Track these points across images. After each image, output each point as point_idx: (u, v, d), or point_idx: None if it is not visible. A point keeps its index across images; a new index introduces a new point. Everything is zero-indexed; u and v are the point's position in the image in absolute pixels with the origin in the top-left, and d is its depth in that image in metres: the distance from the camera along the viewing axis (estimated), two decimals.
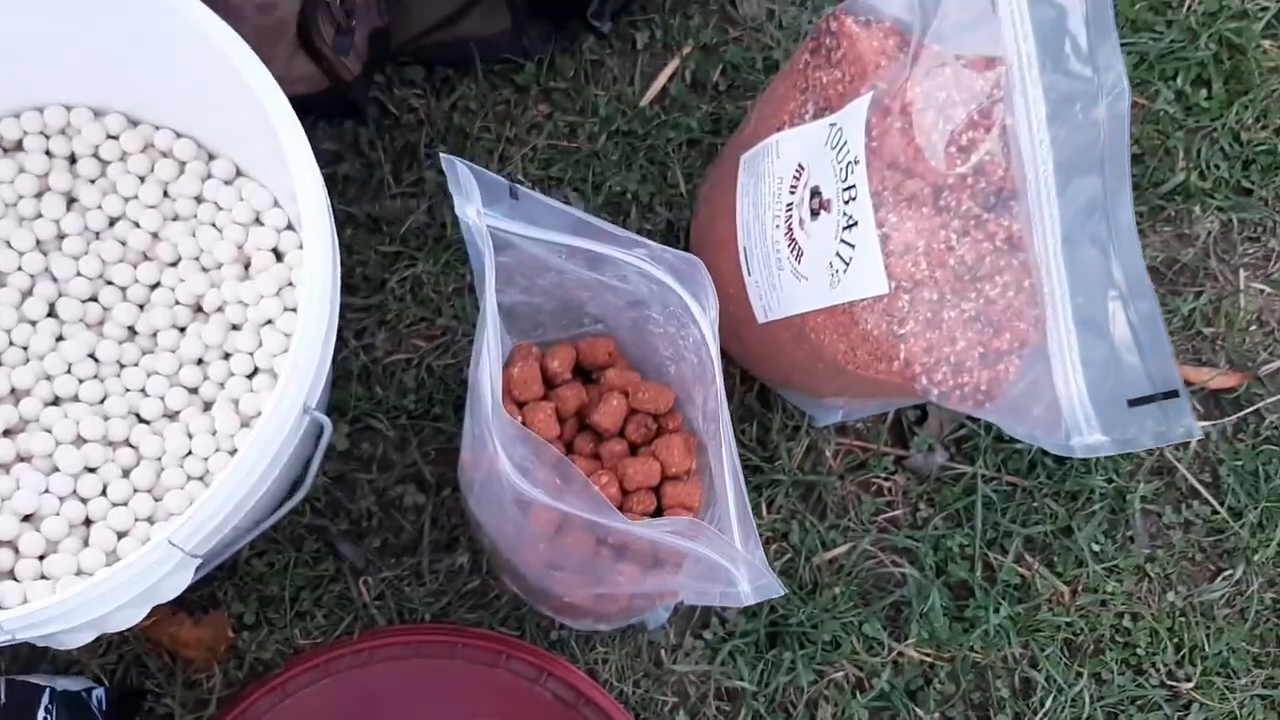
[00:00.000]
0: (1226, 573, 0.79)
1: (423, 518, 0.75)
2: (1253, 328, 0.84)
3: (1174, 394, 0.49)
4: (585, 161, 0.82)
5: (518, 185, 0.51)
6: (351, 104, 0.78)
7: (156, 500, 0.68)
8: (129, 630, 0.72)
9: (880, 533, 0.78)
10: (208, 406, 0.70)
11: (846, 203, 0.61)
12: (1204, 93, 0.87)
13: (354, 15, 0.65)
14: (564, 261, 0.56)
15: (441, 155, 0.51)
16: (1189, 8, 0.88)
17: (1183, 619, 0.78)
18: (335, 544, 0.75)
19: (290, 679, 0.71)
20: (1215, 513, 0.80)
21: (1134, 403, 0.50)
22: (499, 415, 0.47)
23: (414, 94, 0.82)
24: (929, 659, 0.76)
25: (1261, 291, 0.85)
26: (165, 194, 0.73)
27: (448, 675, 0.72)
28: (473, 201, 0.50)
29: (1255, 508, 0.80)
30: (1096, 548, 0.79)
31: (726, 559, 0.49)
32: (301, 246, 0.72)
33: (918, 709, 0.75)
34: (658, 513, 0.64)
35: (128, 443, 0.69)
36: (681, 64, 0.84)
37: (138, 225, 0.72)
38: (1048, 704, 0.76)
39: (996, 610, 0.76)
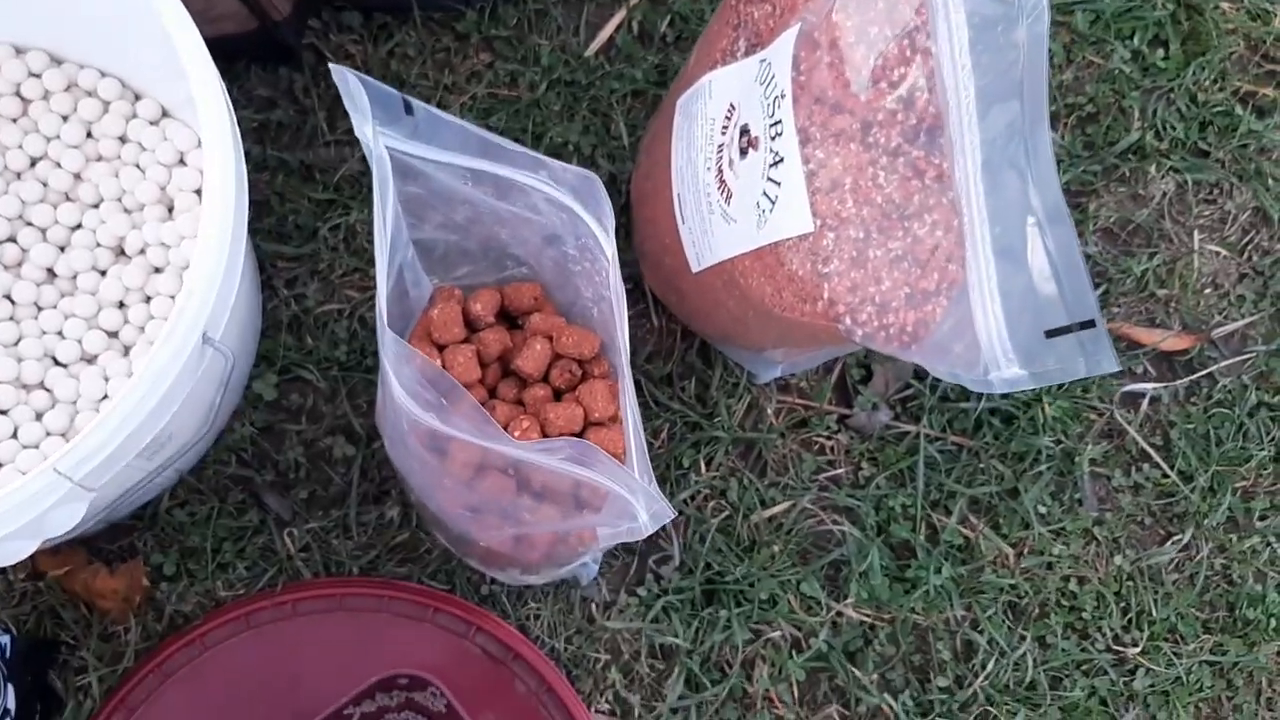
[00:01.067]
0: (1176, 537, 0.78)
1: (352, 470, 0.74)
2: (1207, 290, 0.82)
3: (1090, 324, 0.47)
4: (525, 111, 0.80)
5: (412, 100, 0.50)
6: (283, 47, 0.76)
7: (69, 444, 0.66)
8: (40, 574, 0.70)
9: (821, 491, 0.76)
10: (127, 350, 0.68)
11: (773, 139, 0.59)
12: (1161, 52, 0.85)
13: None
14: (473, 190, 0.54)
15: (332, 67, 0.49)
16: None
17: (1130, 583, 0.76)
18: (261, 495, 0.73)
19: (209, 631, 0.69)
20: (1165, 476, 0.78)
21: (1051, 333, 0.48)
22: (384, 333, 0.46)
23: (351, 40, 0.80)
24: (868, 619, 0.74)
25: (1216, 254, 0.83)
26: (88, 134, 0.71)
27: (373, 629, 0.70)
28: (366, 118, 0.48)
29: (1206, 471, 0.78)
30: (1043, 510, 0.77)
31: (623, 485, 0.47)
32: None
33: (856, 670, 0.74)
34: None
35: (42, 385, 0.67)
36: (629, 14, 0.82)
37: (59, 165, 0.70)
38: (989, 666, 0.74)
39: (938, 571, 0.74)
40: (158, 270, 0.69)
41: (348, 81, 0.48)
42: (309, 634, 0.70)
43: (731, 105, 0.63)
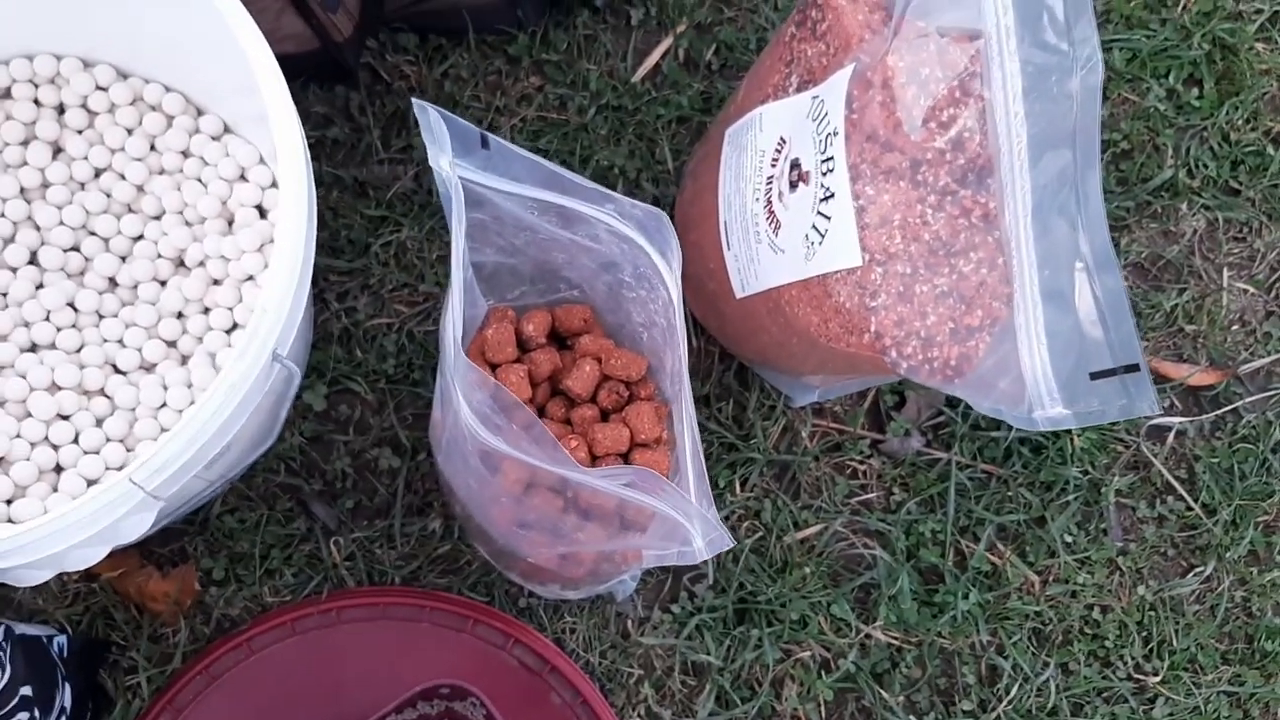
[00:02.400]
0: (1198, 569, 0.79)
1: (397, 481, 0.75)
2: (1234, 327, 0.84)
3: (1135, 368, 0.49)
4: (574, 135, 0.82)
5: (489, 134, 0.51)
6: (342, 67, 0.78)
7: (129, 450, 0.68)
8: (94, 575, 0.72)
9: (853, 515, 0.78)
10: (185, 360, 0.70)
11: (824, 175, 0.61)
12: (1195, 92, 0.87)
13: None
14: (537, 219, 0.56)
15: (415, 102, 0.51)
16: (1184, 7, 0.88)
17: (1152, 613, 0.78)
18: (308, 503, 0.75)
19: (256, 636, 0.71)
20: (1189, 509, 0.80)
21: (1095, 376, 0.50)
22: (459, 359, 0.47)
23: (406, 61, 0.82)
24: (896, 642, 0.76)
25: (1245, 291, 0.85)
26: (152, 147, 0.73)
27: (414, 638, 0.72)
28: (445, 151, 0.50)
29: (1229, 505, 0.80)
30: (1069, 539, 0.78)
31: (680, 512, 0.49)
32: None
33: (883, 691, 0.75)
34: None
35: (103, 392, 0.69)
36: (675, 42, 0.84)
37: (123, 177, 0.72)
38: (1013, 692, 0.75)
39: (966, 596, 0.76)
40: (216, 282, 0.71)
41: (429, 116, 0.50)
42: (352, 641, 0.72)
43: (782, 139, 0.65)
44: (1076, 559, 0.78)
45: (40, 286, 0.70)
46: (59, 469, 0.67)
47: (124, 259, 0.72)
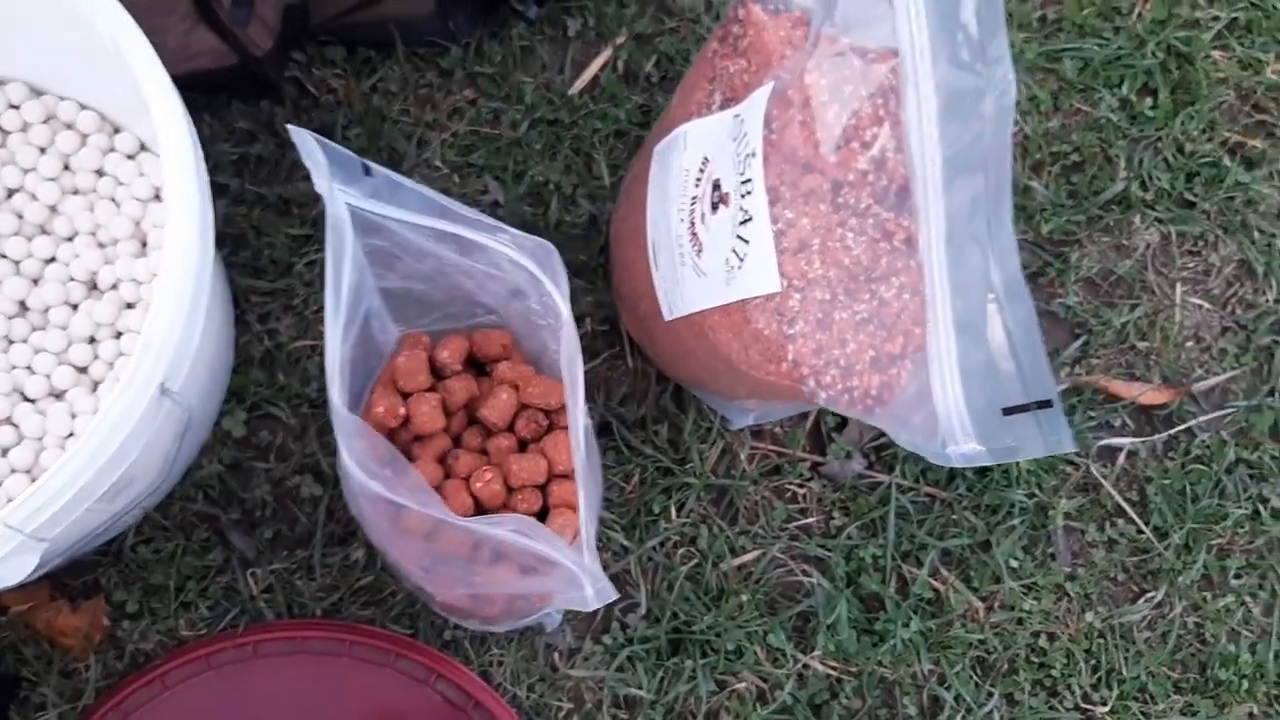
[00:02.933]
0: (1149, 594, 0.77)
1: (319, 509, 0.73)
2: (1188, 343, 0.82)
3: (1048, 404, 0.47)
4: (507, 150, 0.79)
5: (371, 163, 0.49)
6: (265, 82, 0.76)
7: (34, 481, 0.66)
8: (2, 609, 0.70)
9: (791, 540, 0.75)
10: (95, 386, 0.68)
11: (743, 196, 0.58)
12: (1149, 101, 0.84)
13: None
14: (436, 246, 0.54)
15: (290, 129, 0.49)
16: (1138, 14, 0.86)
17: (1101, 640, 0.76)
18: (226, 533, 0.72)
19: (170, 671, 0.69)
20: (1140, 532, 0.78)
21: (1009, 411, 0.47)
22: (336, 410, 0.45)
23: (334, 74, 0.80)
24: (835, 672, 0.74)
25: (1199, 307, 0.82)
26: (65, 166, 0.71)
27: (335, 673, 0.70)
28: (326, 177, 0.48)
29: (1181, 528, 0.77)
30: (1015, 564, 0.76)
31: (569, 561, 0.47)
32: None
33: None
34: (544, 511, 0.62)
35: (9, 420, 0.67)
36: (614, 53, 0.82)
37: (35, 198, 0.70)
38: None
39: (907, 624, 0.74)
40: (129, 306, 0.69)
41: (306, 143, 0.48)
42: (270, 677, 0.70)
43: (705, 158, 0.63)
44: (1022, 585, 0.76)
45: None
46: None
47: (35, 282, 0.69)
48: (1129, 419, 0.80)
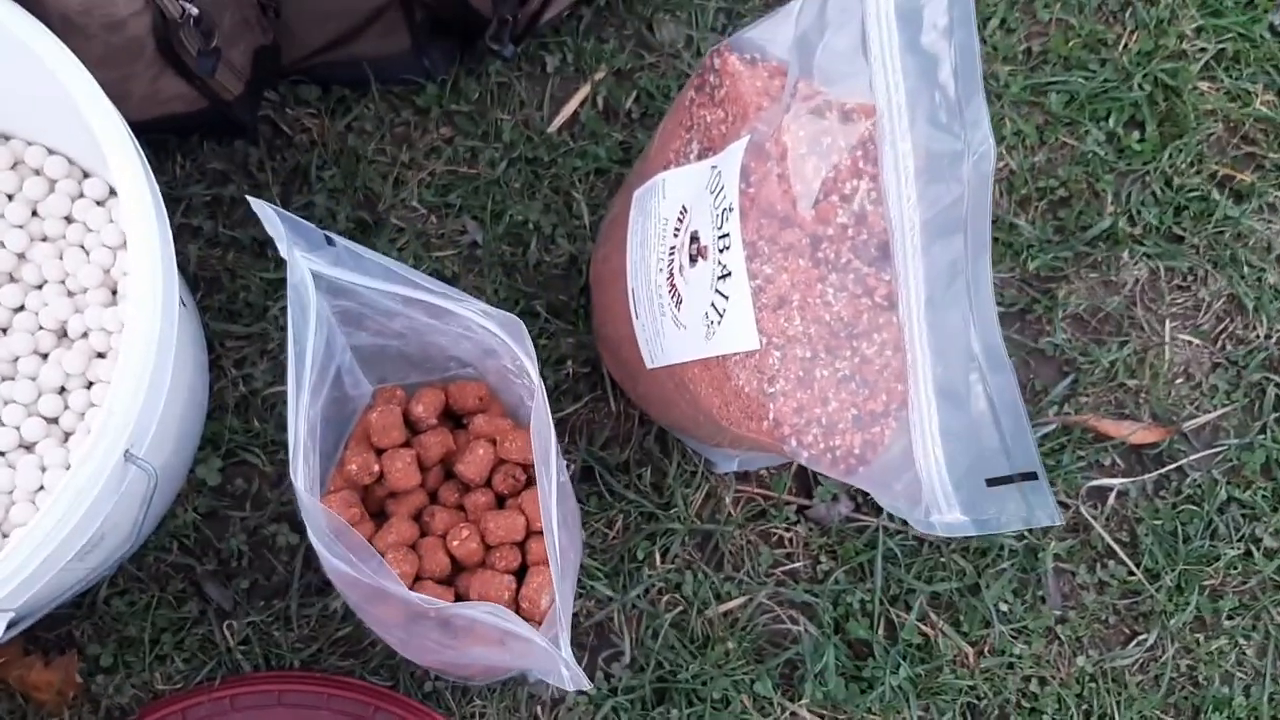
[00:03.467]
0: (1140, 637, 0.76)
1: (295, 559, 0.72)
2: (1179, 380, 0.81)
3: (1032, 476, 0.45)
4: (485, 189, 0.78)
5: (332, 235, 0.48)
6: (237, 123, 0.75)
7: (4, 536, 0.64)
8: None
9: (778, 585, 0.74)
10: (66, 438, 0.67)
11: (721, 251, 0.57)
12: (1136, 135, 0.83)
13: (213, 37, 0.61)
14: (405, 310, 0.52)
15: (251, 200, 0.48)
16: (1124, 46, 0.84)
17: (1093, 685, 0.75)
18: (202, 584, 0.71)
19: None
20: (1131, 574, 0.77)
21: (992, 482, 0.46)
22: (300, 494, 0.44)
23: (308, 113, 0.78)
24: None
25: (1189, 343, 0.81)
26: (34, 213, 0.69)
27: None
28: (287, 247, 0.47)
29: (1173, 570, 0.76)
30: (1005, 607, 0.75)
31: (544, 644, 0.46)
32: None
33: None
34: (522, 569, 0.61)
35: None
36: (593, 89, 0.81)
37: (3, 245, 0.69)
38: None
39: (896, 670, 0.73)
40: (100, 355, 0.67)
41: (266, 215, 0.47)
42: None
43: (684, 208, 0.62)
44: (1013, 629, 0.75)
45: None
46: None
47: (4, 331, 0.68)
48: (1119, 458, 0.79)
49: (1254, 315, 0.82)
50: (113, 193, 0.70)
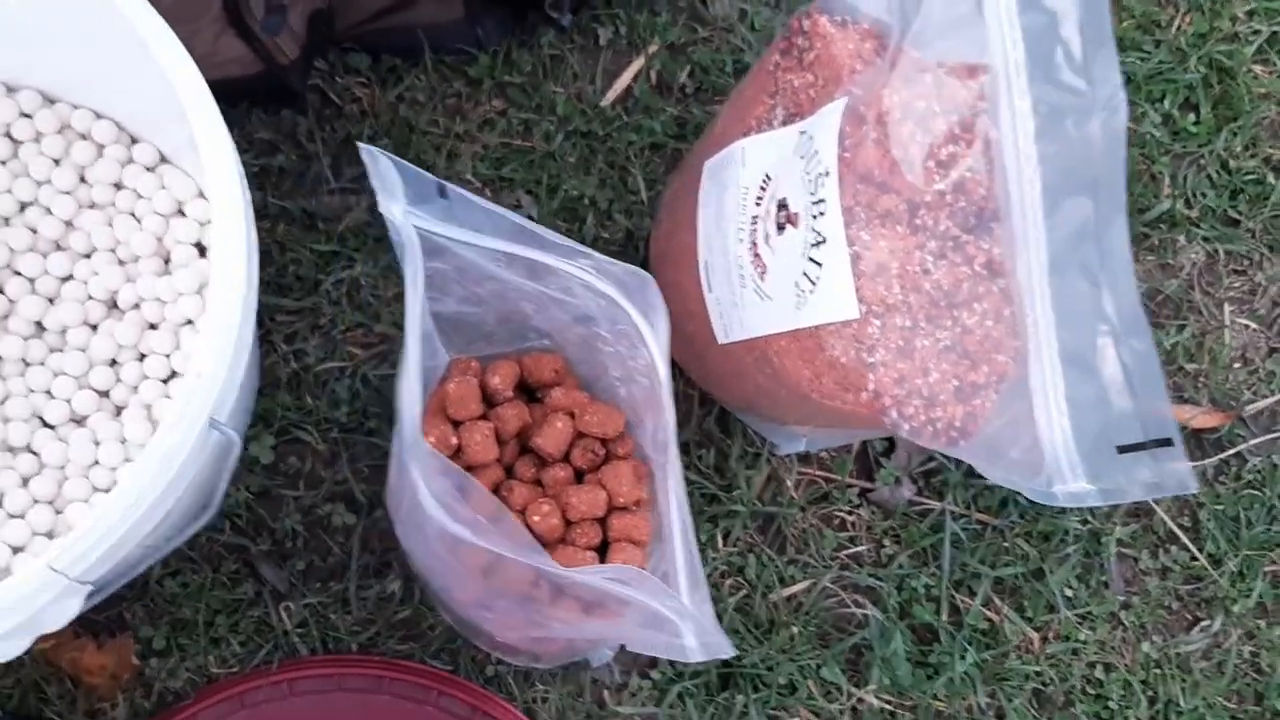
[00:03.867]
0: (1204, 623, 0.75)
1: (352, 539, 0.70)
2: (1236, 365, 0.80)
3: (1168, 442, 0.44)
4: (540, 163, 0.76)
5: (447, 184, 0.46)
6: (289, 91, 0.73)
7: (58, 513, 0.62)
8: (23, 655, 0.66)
9: (842, 570, 0.73)
10: (119, 412, 0.65)
11: (815, 218, 0.56)
12: (1192, 117, 0.83)
13: None
14: (503, 270, 0.51)
15: (361, 147, 0.46)
16: (1179, 28, 0.84)
17: (1158, 671, 0.74)
18: (256, 565, 0.69)
19: (200, 712, 0.66)
20: (1194, 559, 0.76)
21: (1124, 449, 0.45)
22: (418, 446, 0.42)
23: (358, 83, 0.76)
24: (890, 707, 0.71)
25: (1246, 327, 0.81)
26: (81, 179, 0.67)
27: (373, 711, 0.67)
28: (397, 199, 0.45)
29: (1235, 555, 0.76)
30: (1069, 592, 0.74)
31: (672, 612, 0.44)
32: None
33: None
34: (603, 546, 0.59)
35: (28, 449, 0.63)
36: (647, 63, 0.79)
37: (50, 212, 0.66)
38: None
39: (963, 656, 0.72)
40: (153, 327, 0.65)
41: (378, 162, 0.45)
42: (307, 715, 0.66)
43: (767, 175, 0.60)
44: (1077, 614, 0.74)
45: None
46: None
47: (51, 301, 0.66)
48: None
49: None
50: (164, 159, 0.67)
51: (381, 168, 0.45)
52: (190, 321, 0.65)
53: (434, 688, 0.67)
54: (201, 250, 0.66)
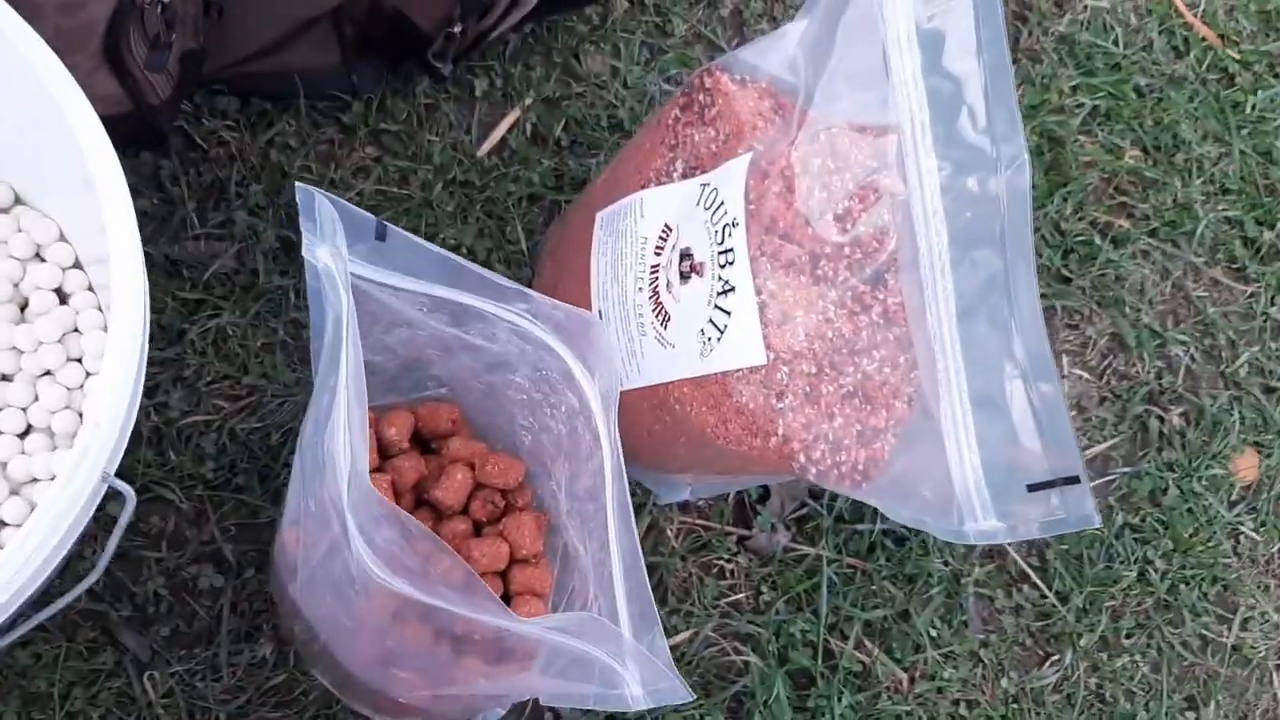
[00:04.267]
0: (1054, 658, 0.79)
1: (220, 602, 0.66)
2: (1072, 413, 0.85)
3: (1075, 480, 0.47)
4: (418, 211, 0.75)
5: (387, 225, 0.45)
6: (155, 132, 0.69)
7: None
8: None
9: (723, 617, 0.74)
10: None
11: (723, 266, 0.57)
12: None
13: (174, 28, 0.57)
14: (424, 316, 0.50)
15: (299, 186, 0.44)
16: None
17: (1015, 705, 0.77)
18: (116, 633, 0.64)
19: None
20: (1044, 597, 0.80)
21: (1034, 487, 0.48)
22: (363, 492, 0.40)
23: (225, 126, 0.74)
24: None
25: (1081, 378, 0.86)
26: None
27: None
28: (328, 241, 0.44)
29: (1080, 592, 0.80)
30: (934, 632, 0.77)
31: (613, 659, 0.44)
32: (90, 288, 0.63)
33: None
34: (505, 600, 0.58)
35: None
36: (523, 115, 0.80)
37: None
38: None
39: (839, 699, 0.73)
40: (6, 378, 0.60)
41: (316, 205, 0.43)
42: None
43: (667, 226, 0.61)
44: (941, 653, 0.77)
45: None
46: None
47: None
48: None
49: (1134, 351, 0.88)
50: (18, 200, 0.63)
51: (320, 210, 0.44)
52: (49, 373, 0.61)
53: None
54: (62, 298, 0.62)
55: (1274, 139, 0.96)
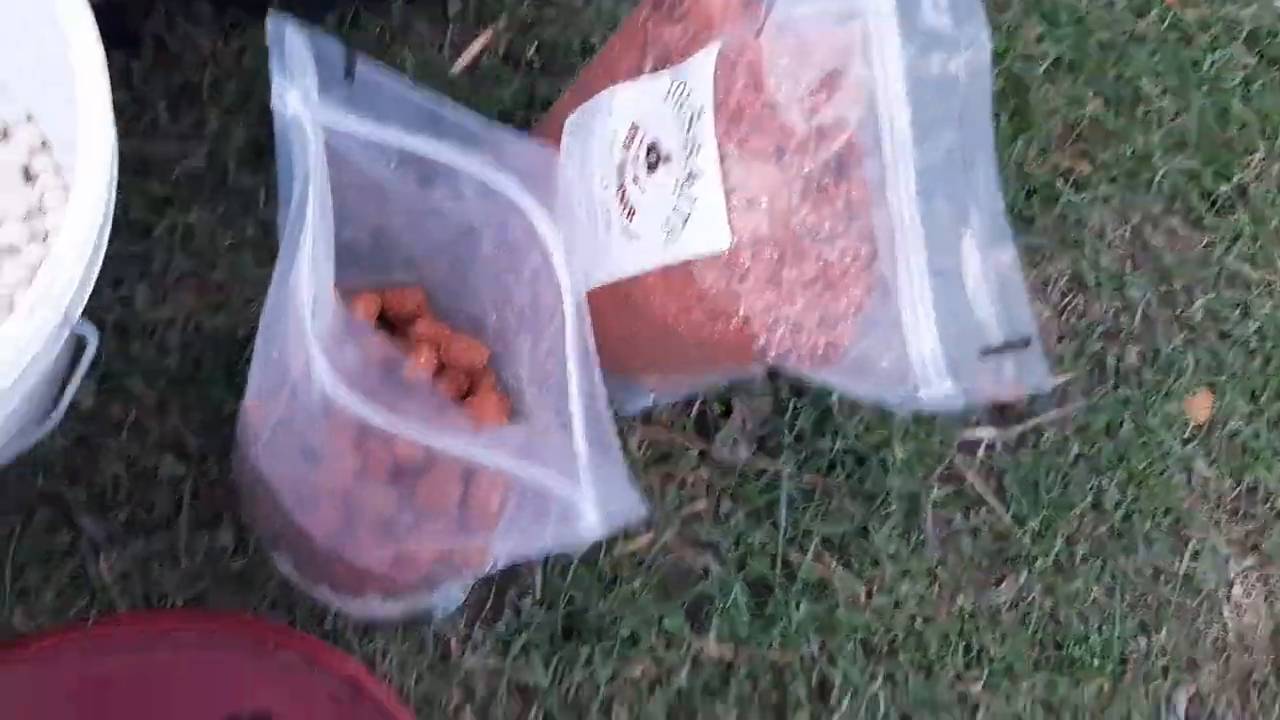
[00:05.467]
0: (1010, 579, 0.81)
1: (181, 489, 0.66)
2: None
3: (1027, 341, 0.48)
4: None
5: (357, 55, 0.45)
6: (126, 30, 0.70)
7: None
8: None
9: (683, 525, 0.74)
10: None
11: (689, 155, 0.58)
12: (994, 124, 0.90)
13: None
14: (391, 175, 0.50)
15: (271, 17, 0.45)
16: None
17: (972, 621, 0.79)
18: (73, 514, 0.64)
19: (3, 669, 0.60)
20: (1000, 520, 0.81)
21: (986, 352, 0.49)
22: (323, 305, 0.41)
23: (199, 32, 0.74)
24: (729, 657, 0.73)
25: (1040, 314, 0.88)
26: None
27: (200, 666, 0.63)
28: (298, 85, 0.44)
29: (1036, 516, 0.82)
30: (892, 549, 0.78)
31: (569, 476, 0.44)
32: (56, 171, 0.63)
33: (716, 708, 0.72)
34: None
35: None
36: (495, 37, 0.80)
37: None
38: (845, 705, 0.74)
39: (798, 607, 0.74)
40: None
41: (286, 38, 0.44)
42: (123, 673, 0.62)
43: (635, 122, 0.62)
44: (899, 570, 0.78)
45: None
46: None
47: None
48: (985, 415, 0.84)
49: (1093, 291, 0.89)
50: None
51: (289, 44, 0.44)
52: (14, 249, 0.61)
53: (269, 639, 0.64)
54: (28, 175, 0.63)
55: (1231, 97, 0.98)
